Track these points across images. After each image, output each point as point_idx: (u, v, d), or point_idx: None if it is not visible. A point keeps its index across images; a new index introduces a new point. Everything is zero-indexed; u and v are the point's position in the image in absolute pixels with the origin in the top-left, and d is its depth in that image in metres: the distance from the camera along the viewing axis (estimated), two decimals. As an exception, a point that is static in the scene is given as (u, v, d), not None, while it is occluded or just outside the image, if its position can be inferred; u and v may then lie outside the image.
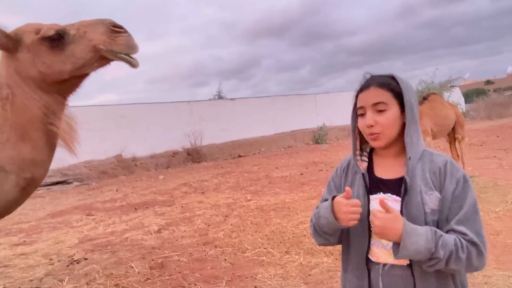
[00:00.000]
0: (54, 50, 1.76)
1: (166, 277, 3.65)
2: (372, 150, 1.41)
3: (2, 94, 1.79)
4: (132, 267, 3.97)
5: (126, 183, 11.26)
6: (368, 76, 1.34)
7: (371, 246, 1.29)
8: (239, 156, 16.42)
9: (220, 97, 24.03)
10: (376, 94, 1.27)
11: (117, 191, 9.80)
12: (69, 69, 1.78)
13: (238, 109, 19.07)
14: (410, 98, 1.27)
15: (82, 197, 9.44)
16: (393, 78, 1.30)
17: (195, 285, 3.41)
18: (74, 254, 4.64)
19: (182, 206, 6.88)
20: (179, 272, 3.74)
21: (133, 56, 1.80)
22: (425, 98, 6.19)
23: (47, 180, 11.61)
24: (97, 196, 9.32)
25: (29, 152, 1.80)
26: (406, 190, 1.22)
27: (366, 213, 1.29)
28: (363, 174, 1.34)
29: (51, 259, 4.54)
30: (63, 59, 1.76)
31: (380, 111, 1.26)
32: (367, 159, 1.39)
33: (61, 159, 2.12)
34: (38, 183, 1.90)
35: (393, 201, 1.25)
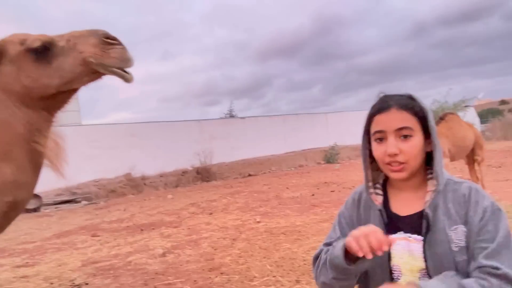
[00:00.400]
0: (40, 63, 1.61)
1: (168, 307, 3.42)
2: (385, 181, 1.22)
3: None
4: (133, 294, 3.76)
5: (134, 202, 11.11)
6: (382, 95, 1.16)
7: None
8: (249, 175, 16.20)
9: (231, 116, 24.05)
10: (401, 118, 1.08)
11: (124, 210, 9.65)
12: (56, 83, 1.64)
13: (248, 127, 18.98)
14: (432, 122, 1.11)
15: (89, 216, 9.30)
16: (411, 98, 1.12)
17: (197, 316, 3.18)
18: (76, 278, 4.46)
19: (189, 228, 6.67)
20: (182, 301, 3.51)
21: (128, 70, 1.65)
22: (442, 118, 5.98)
23: (55, 199, 11.55)
24: (104, 215, 9.17)
25: (12, 173, 1.64)
26: (428, 227, 1.04)
27: (387, 256, 1.09)
28: (380, 210, 1.15)
29: (51, 283, 4.36)
30: (50, 73, 1.62)
31: (404, 137, 1.08)
32: (381, 192, 1.19)
33: (70, 177, 1.95)
34: (21, 207, 1.73)
35: (415, 242, 1.07)
